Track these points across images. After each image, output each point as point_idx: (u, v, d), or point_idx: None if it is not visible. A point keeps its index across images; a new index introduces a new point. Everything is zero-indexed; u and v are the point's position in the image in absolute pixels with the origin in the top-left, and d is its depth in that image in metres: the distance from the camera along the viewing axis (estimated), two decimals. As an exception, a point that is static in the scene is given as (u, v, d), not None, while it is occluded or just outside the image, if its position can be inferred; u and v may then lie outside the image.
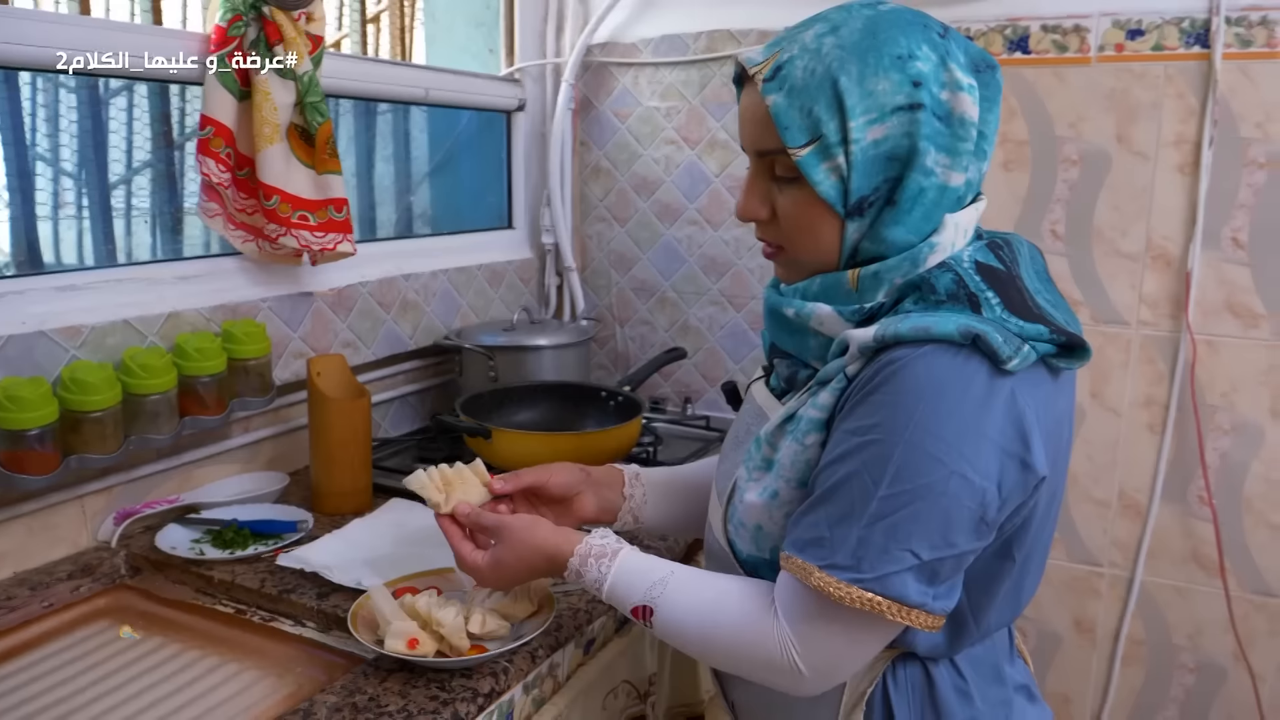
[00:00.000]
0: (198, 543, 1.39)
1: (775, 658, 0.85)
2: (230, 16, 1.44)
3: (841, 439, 0.82)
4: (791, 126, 0.84)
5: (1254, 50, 1.63)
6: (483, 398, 1.70)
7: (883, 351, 0.81)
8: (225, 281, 1.57)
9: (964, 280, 0.84)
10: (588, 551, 0.96)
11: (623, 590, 0.93)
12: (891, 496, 0.78)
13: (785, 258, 0.94)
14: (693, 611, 0.89)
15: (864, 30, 0.84)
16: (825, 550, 0.80)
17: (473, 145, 2.28)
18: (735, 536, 0.94)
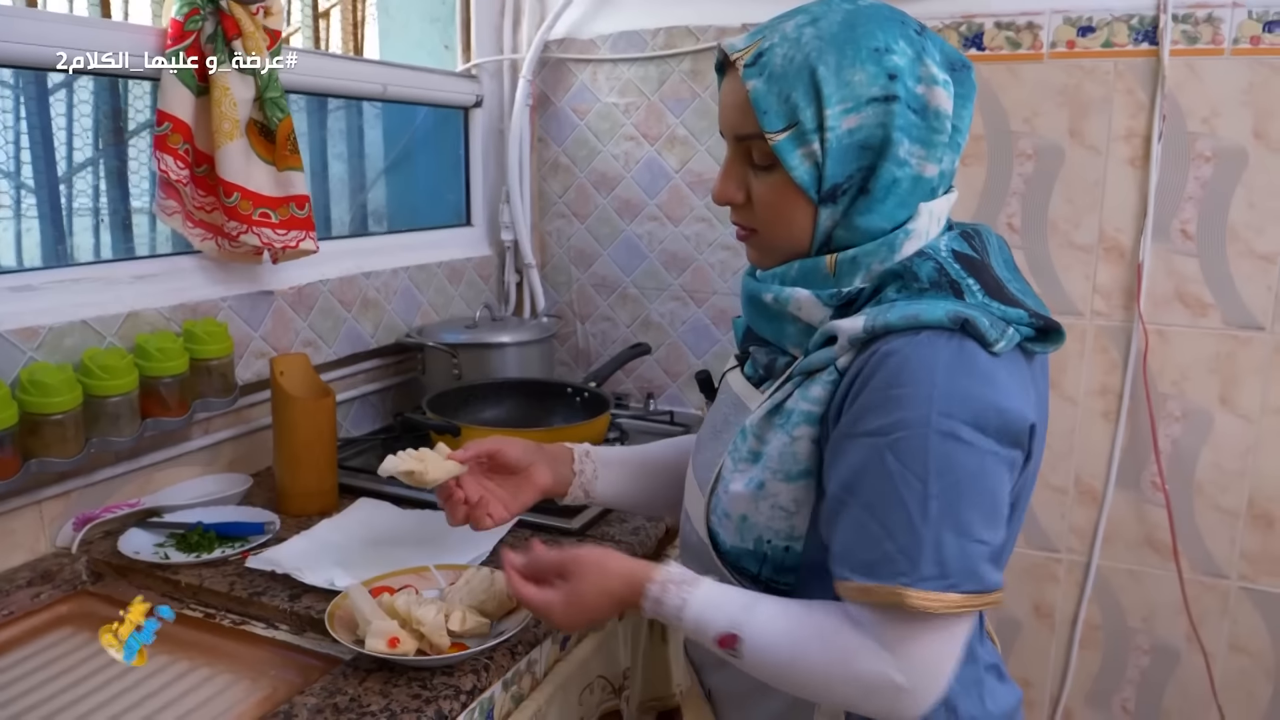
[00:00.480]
0: (161, 547, 1.36)
1: (875, 685, 0.81)
2: (187, 10, 1.42)
3: (862, 445, 0.81)
4: (770, 111, 0.86)
5: (1200, 47, 1.68)
6: (448, 395, 1.69)
7: (873, 341, 0.83)
8: (184, 280, 1.54)
9: (945, 268, 0.86)
10: (667, 578, 0.91)
11: (706, 616, 0.87)
12: (942, 493, 0.78)
13: (758, 241, 0.95)
14: (783, 646, 0.85)
15: (843, 23, 0.86)
16: (903, 566, 0.79)
17: (429, 142, 2.26)
18: (718, 527, 0.94)
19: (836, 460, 0.84)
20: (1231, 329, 1.74)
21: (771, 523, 0.89)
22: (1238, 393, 1.76)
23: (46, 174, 1.53)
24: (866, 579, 0.80)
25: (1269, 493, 1.77)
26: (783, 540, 0.89)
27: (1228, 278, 1.73)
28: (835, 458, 0.84)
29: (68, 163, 1.58)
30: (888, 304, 0.85)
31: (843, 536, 0.83)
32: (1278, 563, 1.78)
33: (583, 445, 1.23)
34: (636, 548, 1.43)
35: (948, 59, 0.89)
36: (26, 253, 1.50)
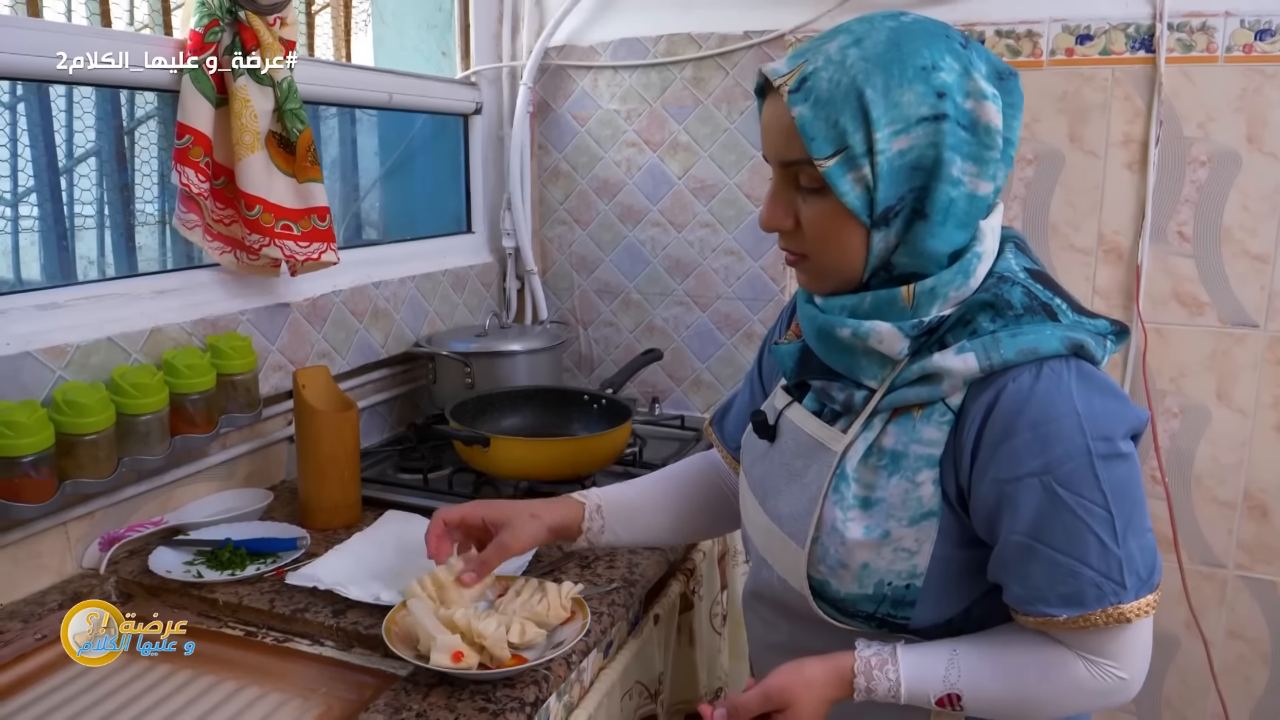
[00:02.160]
0: (192, 565, 1.34)
1: (1102, 690, 0.88)
2: (207, 22, 1.40)
3: (1029, 488, 0.83)
4: (818, 137, 0.84)
5: (1195, 55, 1.73)
6: (467, 404, 1.69)
7: (992, 378, 0.85)
8: (203, 294, 1.53)
9: (1032, 291, 0.88)
10: (867, 667, 0.91)
11: (919, 688, 0.90)
12: (1120, 509, 0.83)
13: (809, 266, 0.94)
14: (1002, 686, 0.89)
15: (888, 42, 0.85)
16: (1109, 589, 0.83)
17: (428, 149, 2.25)
18: (829, 577, 0.93)
19: (1004, 507, 0.85)
20: (1227, 327, 1.80)
21: (894, 565, 0.90)
22: (1233, 388, 1.82)
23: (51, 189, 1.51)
24: (1077, 610, 0.84)
25: (1264, 484, 1.83)
26: (904, 580, 0.90)
27: (1223, 278, 1.79)
28: (1001, 504, 0.85)
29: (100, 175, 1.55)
30: (989, 336, 0.85)
31: (1032, 577, 0.86)
32: (1273, 551, 1.85)
33: (593, 498, 1.21)
34: (668, 552, 1.44)
35: (994, 69, 0.88)
36: (44, 269, 1.48)
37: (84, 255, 1.56)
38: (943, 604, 0.91)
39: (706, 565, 1.64)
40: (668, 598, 1.46)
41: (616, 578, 1.33)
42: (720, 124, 2.07)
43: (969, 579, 0.91)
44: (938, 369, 0.86)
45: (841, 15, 1.93)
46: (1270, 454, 1.81)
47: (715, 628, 1.70)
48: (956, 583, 0.91)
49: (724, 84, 2.05)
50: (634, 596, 1.32)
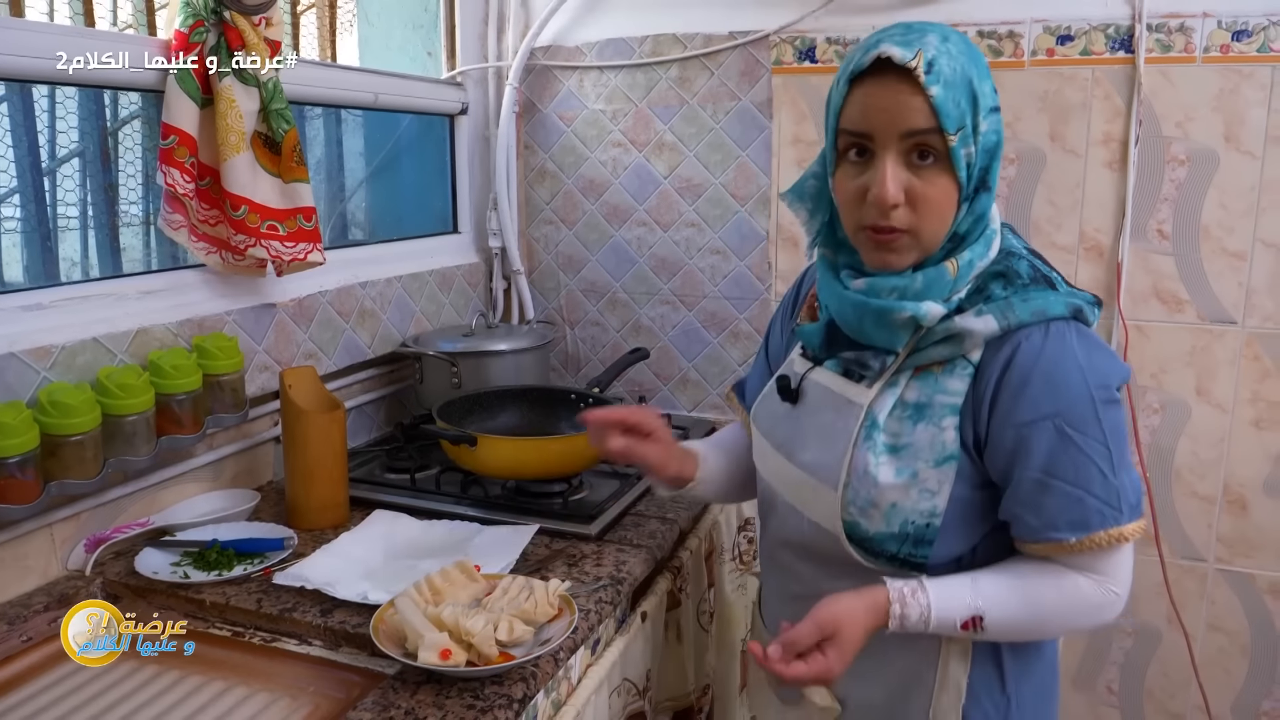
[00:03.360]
0: (179, 565, 1.34)
1: (1102, 604, 1.00)
2: (192, 22, 1.40)
3: (1039, 430, 0.96)
4: (951, 113, 0.93)
5: (1173, 55, 1.75)
6: (454, 404, 1.69)
7: (1007, 336, 0.97)
8: (189, 295, 1.53)
9: (1035, 265, 1.02)
10: (900, 596, 1.00)
11: (947, 612, 1.00)
12: (1115, 446, 0.97)
13: (907, 241, 0.99)
14: (1019, 607, 1.00)
15: (964, 41, 0.97)
16: (1110, 513, 0.97)
17: (413, 149, 2.25)
18: (860, 517, 1.03)
19: (1020, 448, 0.97)
20: (1206, 324, 1.82)
21: (918, 505, 1.01)
22: (1213, 384, 1.84)
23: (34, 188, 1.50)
24: (1084, 533, 0.97)
25: (1242, 478, 1.85)
26: (925, 519, 1.01)
27: (1202, 275, 1.81)
28: (1017, 446, 0.98)
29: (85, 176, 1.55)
30: (1002, 301, 0.98)
31: (1046, 507, 0.98)
32: (1251, 545, 1.87)
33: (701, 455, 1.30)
34: (655, 550, 1.45)
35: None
36: (29, 270, 1.47)
37: (68, 256, 1.56)
38: (956, 541, 1.02)
39: (694, 563, 1.65)
40: (655, 595, 1.46)
41: (604, 575, 1.34)
42: (706, 124, 2.08)
43: (979, 518, 1.03)
44: (961, 329, 0.98)
45: (826, 16, 1.95)
46: (1248, 449, 1.84)
47: (703, 625, 1.71)
48: (969, 522, 1.02)
49: (709, 84, 2.06)
50: (621, 594, 1.32)
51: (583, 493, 1.63)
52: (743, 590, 1.92)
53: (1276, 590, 1.87)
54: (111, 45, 1.35)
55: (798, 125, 2.01)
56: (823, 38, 1.96)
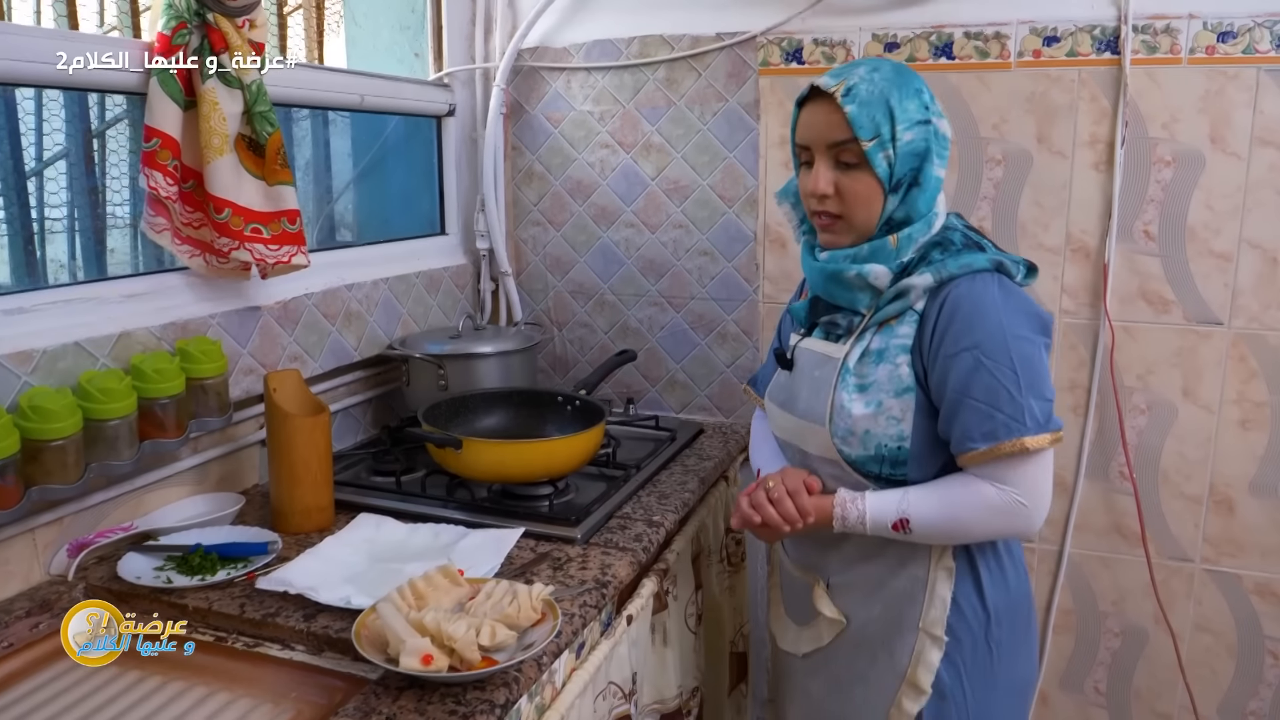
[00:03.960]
0: (162, 570, 1.34)
1: (1008, 509, 1.20)
2: (175, 24, 1.40)
3: (963, 359, 1.19)
4: (863, 126, 1.20)
5: (1159, 56, 1.76)
6: (440, 407, 1.68)
7: (943, 286, 1.22)
8: (173, 298, 1.52)
9: (967, 234, 1.28)
10: (843, 500, 1.27)
11: (880, 515, 1.25)
12: (1024, 372, 1.18)
13: (841, 225, 1.27)
14: (937, 511, 1.23)
15: (894, 71, 1.24)
16: (1015, 425, 1.17)
17: (400, 151, 2.24)
18: (843, 445, 1.27)
19: (947, 374, 1.20)
20: (1192, 324, 1.83)
21: (887, 430, 1.24)
22: (1199, 385, 1.84)
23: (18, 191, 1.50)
24: (992, 442, 1.18)
25: (1228, 478, 1.86)
26: (895, 442, 1.24)
27: (1188, 276, 1.81)
28: (945, 373, 1.20)
29: (69, 178, 1.54)
30: (938, 262, 1.23)
31: (963, 423, 1.20)
32: (1238, 545, 1.87)
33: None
34: (640, 553, 1.45)
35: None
36: (11, 273, 1.46)
37: (53, 259, 1.55)
38: (926, 465, 1.25)
39: (681, 565, 1.65)
40: (641, 598, 1.46)
41: (589, 579, 1.33)
42: (693, 125, 2.08)
43: (941, 445, 1.25)
44: (905, 286, 1.23)
45: (813, 18, 1.95)
46: (1235, 449, 1.84)
47: (690, 627, 1.70)
48: (933, 445, 1.25)
49: (696, 85, 2.06)
50: (606, 597, 1.32)
51: (569, 495, 1.63)
52: (731, 591, 1.92)
53: (1263, 590, 1.88)
54: (95, 47, 1.35)
55: (784, 127, 2.00)
56: (810, 39, 1.96)
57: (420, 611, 1.10)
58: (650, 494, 1.67)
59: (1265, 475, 1.83)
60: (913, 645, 1.31)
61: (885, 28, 1.91)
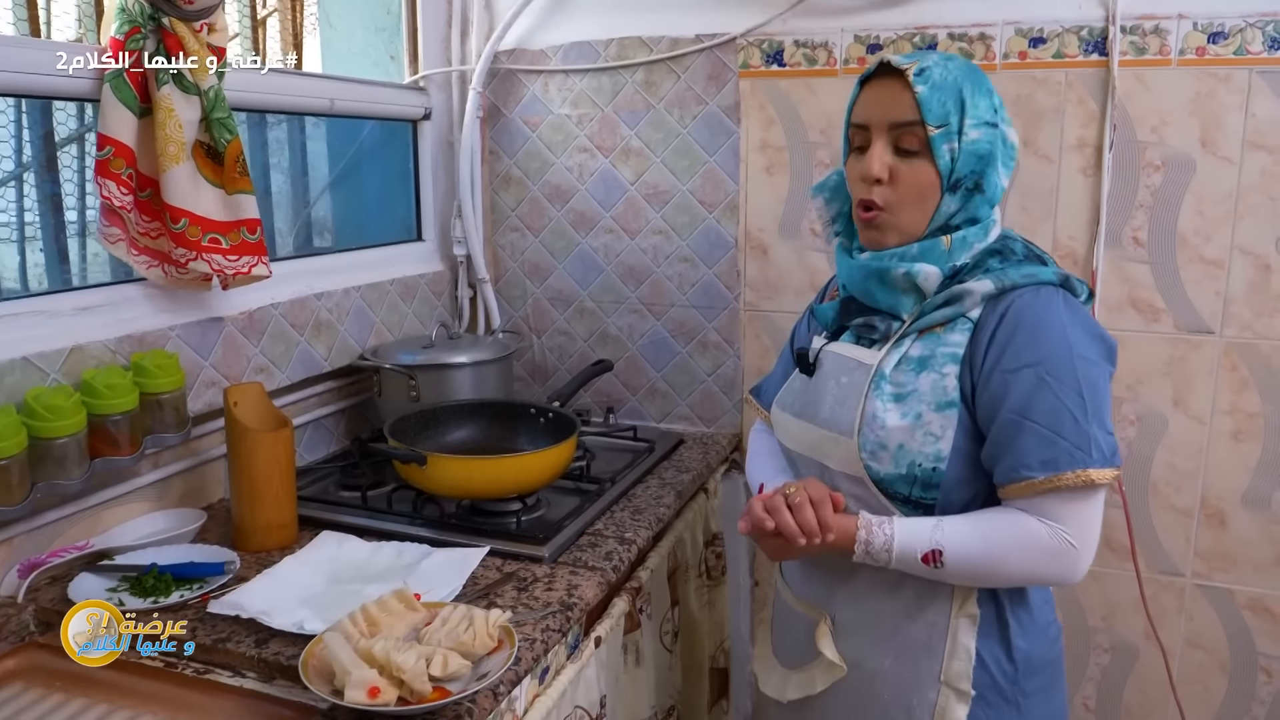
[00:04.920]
0: (114, 591, 1.30)
1: (1056, 551, 1.07)
2: (128, 29, 1.35)
3: (1024, 376, 1.08)
4: (933, 110, 1.11)
5: (1148, 58, 1.71)
6: (408, 420, 1.64)
7: (1003, 295, 1.12)
8: (129, 310, 1.48)
9: (1029, 246, 1.20)
10: (868, 523, 1.13)
11: (909, 543, 1.11)
12: (1090, 397, 1.07)
13: (884, 220, 1.17)
14: (976, 546, 1.09)
15: (968, 66, 1.17)
16: (1080, 454, 1.05)
17: (376, 156, 2.20)
18: (871, 460, 1.14)
19: (1004, 392, 1.09)
20: (1183, 333, 1.78)
21: (923, 447, 1.11)
22: (1190, 395, 1.80)
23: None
24: (1052, 471, 1.06)
25: (1220, 491, 1.81)
26: (931, 462, 1.11)
27: (1178, 283, 1.77)
28: (1001, 390, 1.09)
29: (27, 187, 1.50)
30: (997, 270, 1.14)
31: (1018, 447, 1.07)
32: (1230, 559, 1.83)
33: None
34: (610, 572, 1.41)
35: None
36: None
37: (9, 271, 1.51)
38: (961, 490, 1.12)
39: (655, 583, 1.60)
40: (611, 618, 1.42)
41: (554, 600, 1.29)
42: (673, 129, 2.03)
43: (981, 472, 1.13)
44: (961, 291, 1.13)
45: (794, 19, 1.90)
46: (1227, 461, 1.79)
47: (666, 645, 1.66)
48: (972, 470, 1.12)
49: (676, 88, 2.01)
50: (571, 620, 1.28)
51: (541, 510, 1.58)
52: (710, 606, 1.88)
53: (1256, 606, 1.83)
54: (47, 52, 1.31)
55: (766, 130, 1.96)
56: (791, 40, 1.91)
57: (370, 640, 1.06)
58: (624, 509, 1.62)
59: (1258, 488, 1.79)
60: (934, 701, 1.18)
61: (868, 29, 1.86)
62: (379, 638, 1.07)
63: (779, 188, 1.98)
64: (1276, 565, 1.81)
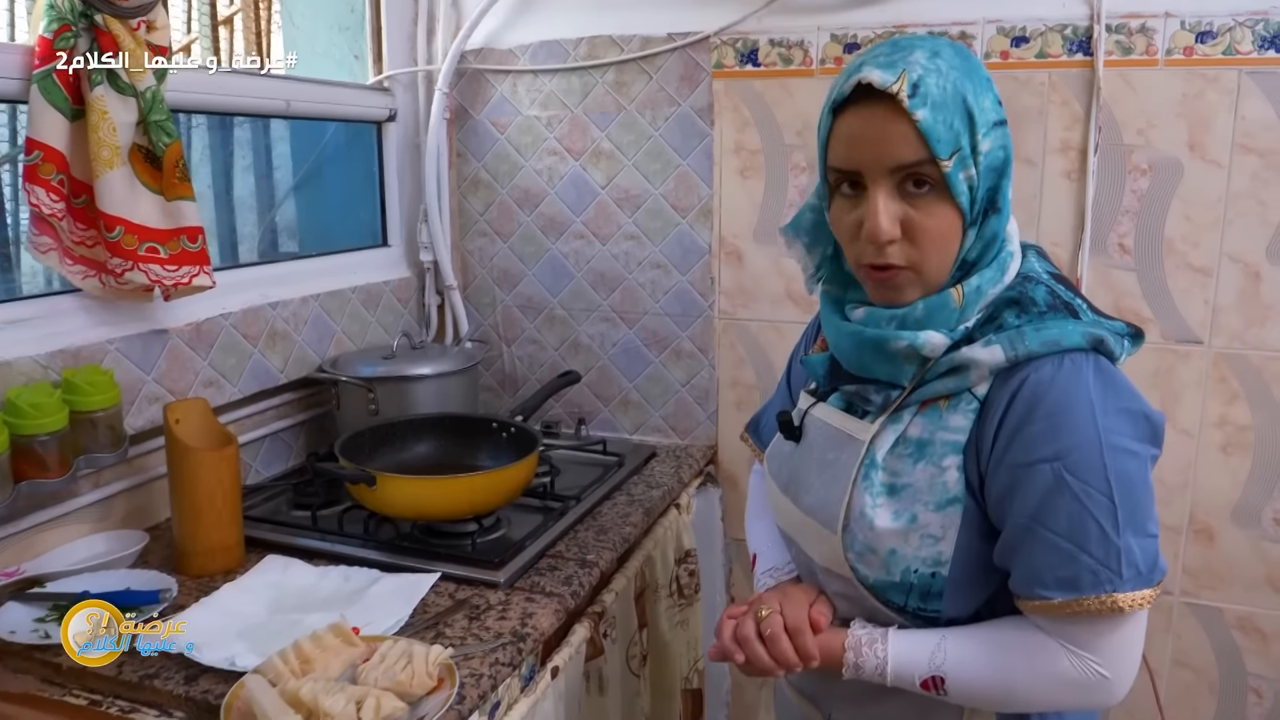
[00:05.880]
0: (42, 622, 1.22)
1: (1083, 684, 0.89)
2: (57, 27, 1.28)
3: (1039, 472, 0.86)
4: (943, 138, 0.85)
5: (1134, 58, 1.64)
6: (363, 436, 1.57)
7: (1016, 369, 0.88)
8: (64, 323, 1.40)
9: (1054, 291, 0.93)
10: (857, 643, 0.96)
11: (905, 668, 0.93)
12: (1124, 502, 0.85)
13: (909, 277, 0.92)
14: (984, 672, 0.91)
15: (958, 54, 0.89)
16: (1105, 576, 0.85)
17: (340, 159, 2.13)
18: (859, 563, 0.96)
19: (1015, 490, 0.88)
20: (1170, 343, 1.72)
21: (919, 551, 0.92)
22: (1178, 408, 1.73)
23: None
24: (1072, 594, 0.86)
25: (1208, 507, 1.75)
26: (929, 567, 0.92)
27: (1165, 292, 1.70)
28: (1011, 488, 0.88)
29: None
30: (1014, 330, 0.89)
31: (1032, 560, 0.88)
32: (1219, 577, 1.76)
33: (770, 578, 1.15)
34: (569, 599, 1.34)
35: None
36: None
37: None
38: (970, 595, 0.93)
39: (620, 605, 1.53)
40: (570, 646, 1.35)
41: (506, 631, 1.22)
42: (644, 131, 1.96)
43: (992, 572, 0.93)
44: (966, 360, 0.90)
45: (769, 17, 1.84)
46: (1216, 475, 1.73)
47: (633, 669, 1.60)
48: (981, 573, 0.93)
49: (647, 89, 1.94)
50: (523, 652, 1.21)
51: (500, 530, 1.51)
52: (683, 626, 1.81)
53: (1245, 625, 1.77)
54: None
55: (740, 132, 1.89)
56: (765, 39, 1.85)
57: (300, 680, 0.99)
58: (589, 528, 1.56)
59: (1248, 503, 1.72)
60: None
61: (845, 27, 1.80)
62: (309, 678, 1.00)
63: (754, 192, 1.91)
64: (1267, 583, 1.74)
